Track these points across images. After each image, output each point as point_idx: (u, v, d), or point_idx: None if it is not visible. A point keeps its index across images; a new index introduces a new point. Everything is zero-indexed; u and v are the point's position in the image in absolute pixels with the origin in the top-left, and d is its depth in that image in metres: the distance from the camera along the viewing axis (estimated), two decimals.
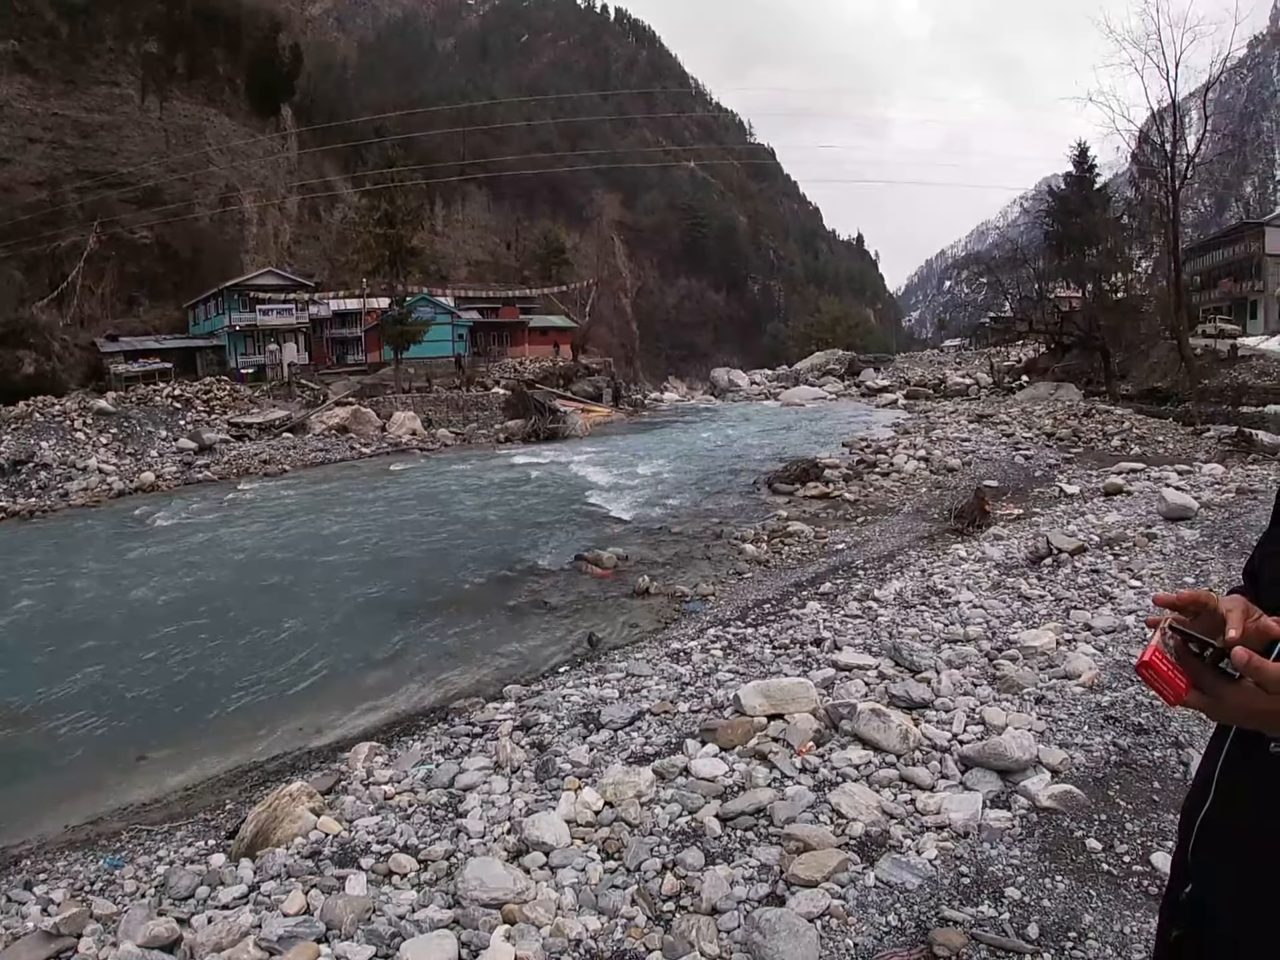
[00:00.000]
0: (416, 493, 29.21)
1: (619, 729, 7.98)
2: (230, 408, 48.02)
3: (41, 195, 63.57)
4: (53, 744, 11.16)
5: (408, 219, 59.18)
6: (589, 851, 5.77)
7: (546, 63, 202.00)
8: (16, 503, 33.59)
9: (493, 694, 10.48)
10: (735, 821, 5.81)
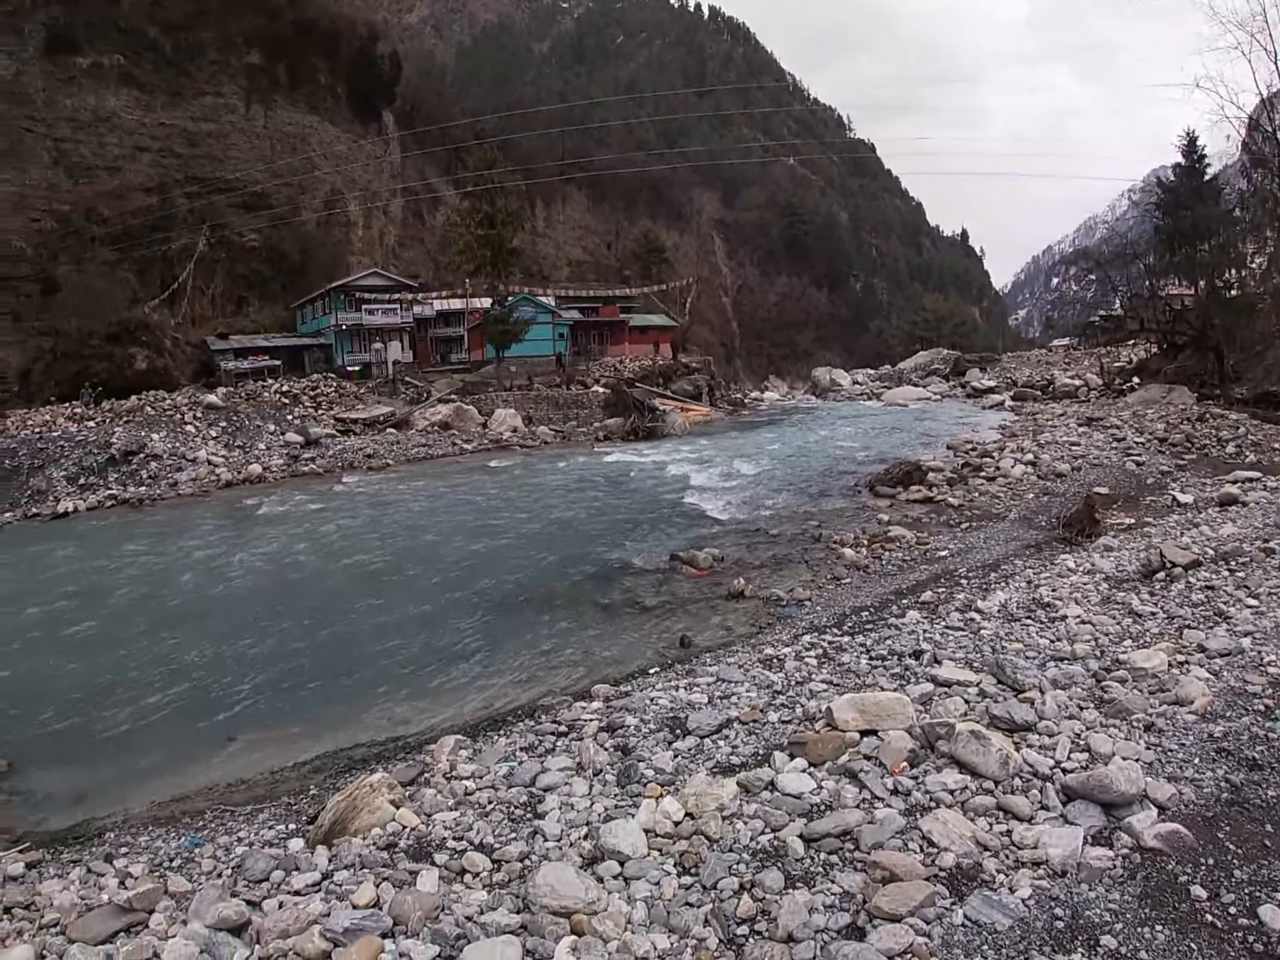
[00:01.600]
0: (515, 489, 29.50)
1: (705, 736, 7.83)
2: (336, 404, 49.30)
3: (151, 201, 66.28)
4: (147, 722, 11.61)
5: (508, 220, 59.70)
6: (665, 864, 5.64)
7: (642, 63, 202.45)
8: (127, 491, 35.28)
9: (581, 693, 10.44)
10: (820, 843, 5.58)
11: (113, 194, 64.90)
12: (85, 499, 34.68)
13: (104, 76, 65.97)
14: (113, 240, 61.86)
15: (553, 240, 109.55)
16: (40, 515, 33.27)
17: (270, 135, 74.83)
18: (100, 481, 36.41)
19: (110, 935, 6.14)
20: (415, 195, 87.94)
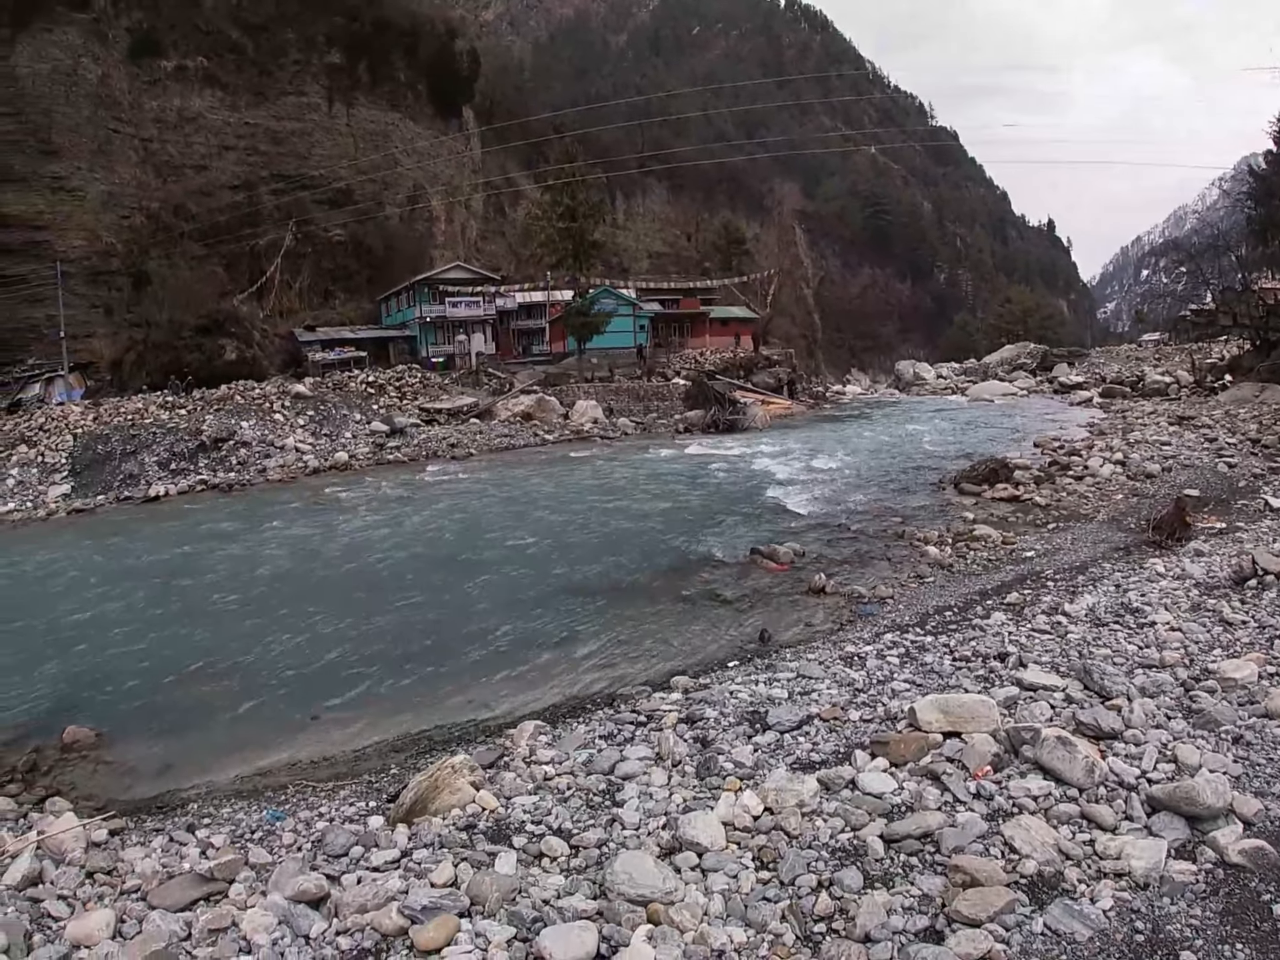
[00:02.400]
0: (595, 480, 29.69)
1: (786, 732, 7.78)
2: (420, 394, 50.13)
3: (238, 198, 68.28)
4: (233, 698, 11.95)
5: (589, 213, 60.03)
6: (743, 858, 5.62)
7: (719, 54, 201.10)
8: (217, 476, 36.75)
9: (660, 683, 10.45)
10: (900, 844, 5.53)
11: (200, 191, 67.18)
12: (176, 483, 36.13)
13: (188, 78, 68.38)
14: (201, 236, 64.01)
15: (632, 232, 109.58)
16: (132, 498, 34.68)
17: (353, 133, 76.43)
18: (191, 467, 37.93)
19: (190, 903, 6.30)
20: (496, 190, 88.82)
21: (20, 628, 17.23)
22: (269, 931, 5.54)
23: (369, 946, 5.19)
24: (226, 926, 5.73)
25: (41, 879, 6.96)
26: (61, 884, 6.87)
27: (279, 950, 5.33)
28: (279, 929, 5.55)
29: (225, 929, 5.71)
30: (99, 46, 63.80)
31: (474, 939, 5.01)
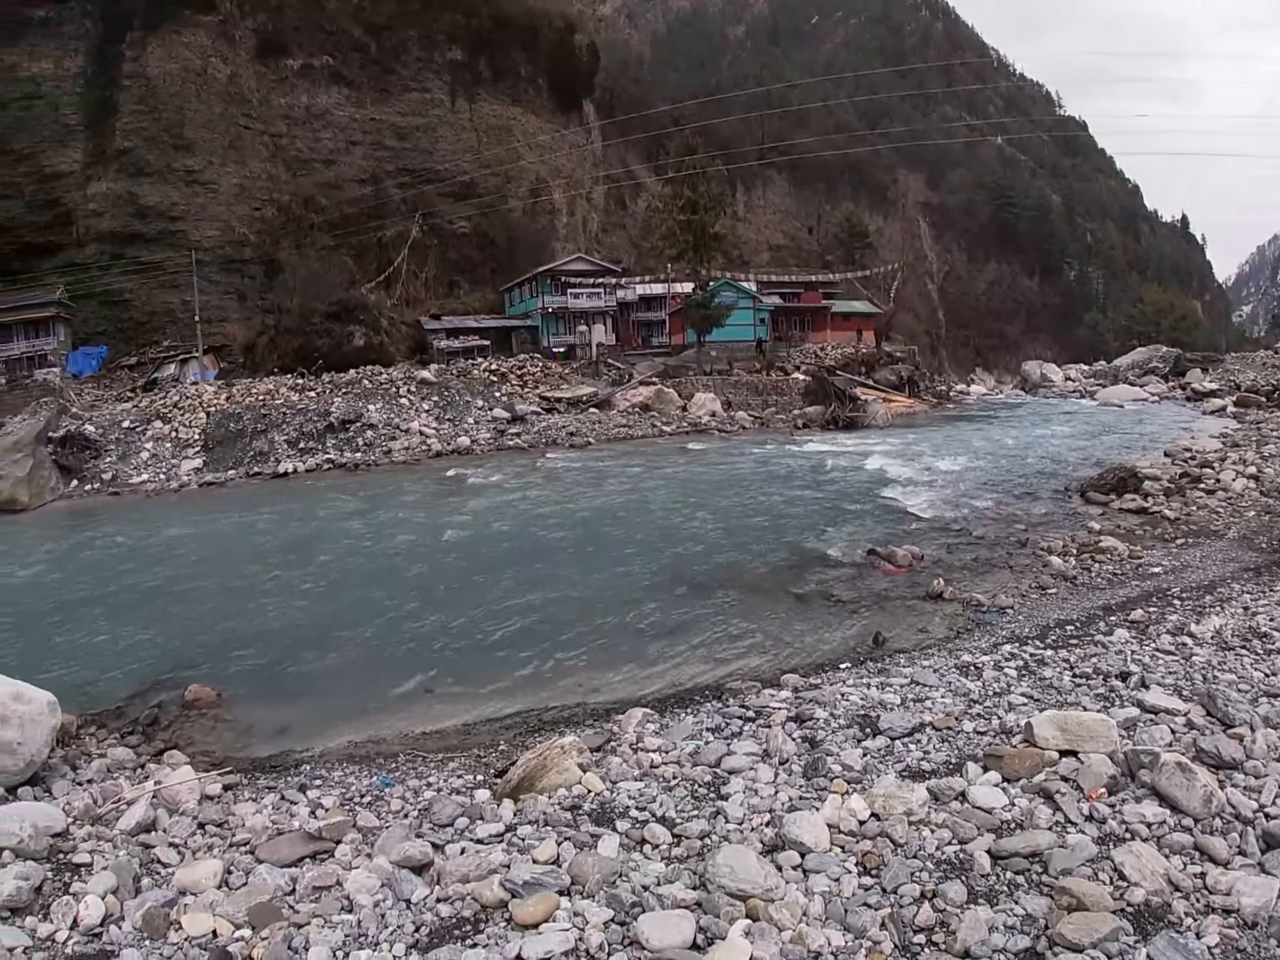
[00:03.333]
0: (712, 472, 29.67)
1: (897, 738, 7.65)
2: (541, 383, 50.90)
3: (366, 191, 71.50)
4: (351, 667, 12.42)
5: (710, 205, 59.92)
6: (846, 862, 5.56)
7: (839, 43, 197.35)
8: (343, 456, 38.42)
9: (769, 680, 10.34)
10: (1007, 861, 5.39)
11: (329, 185, 70.77)
12: (304, 461, 37.88)
13: (315, 76, 71.90)
14: (331, 227, 67.15)
15: (753, 224, 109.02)
16: (261, 474, 36.64)
17: (476, 127, 78.71)
18: (319, 446, 39.59)
19: (296, 860, 6.51)
20: (617, 182, 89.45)
21: (152, 591, 18.25)
22: (371, 893, 5.71)
23: (468, 916, 5.29)
24: (331, 885, 5.92)
25: (154, 827, 7.27)
26: (174, 833, 7.18)
27: (380, 912, 5.49)
28: (381, 891, 5.72)
29: (329, 887, 5.90)
30: (226, 47, 67.90)
31: (572, 917, 5.07)
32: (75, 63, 64.98)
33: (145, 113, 64.84)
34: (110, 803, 7.74)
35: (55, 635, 15.39)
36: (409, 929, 5.27)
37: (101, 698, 11.64)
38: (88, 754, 9.47)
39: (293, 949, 5.12)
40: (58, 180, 64.08)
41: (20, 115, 63.37)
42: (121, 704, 11.47)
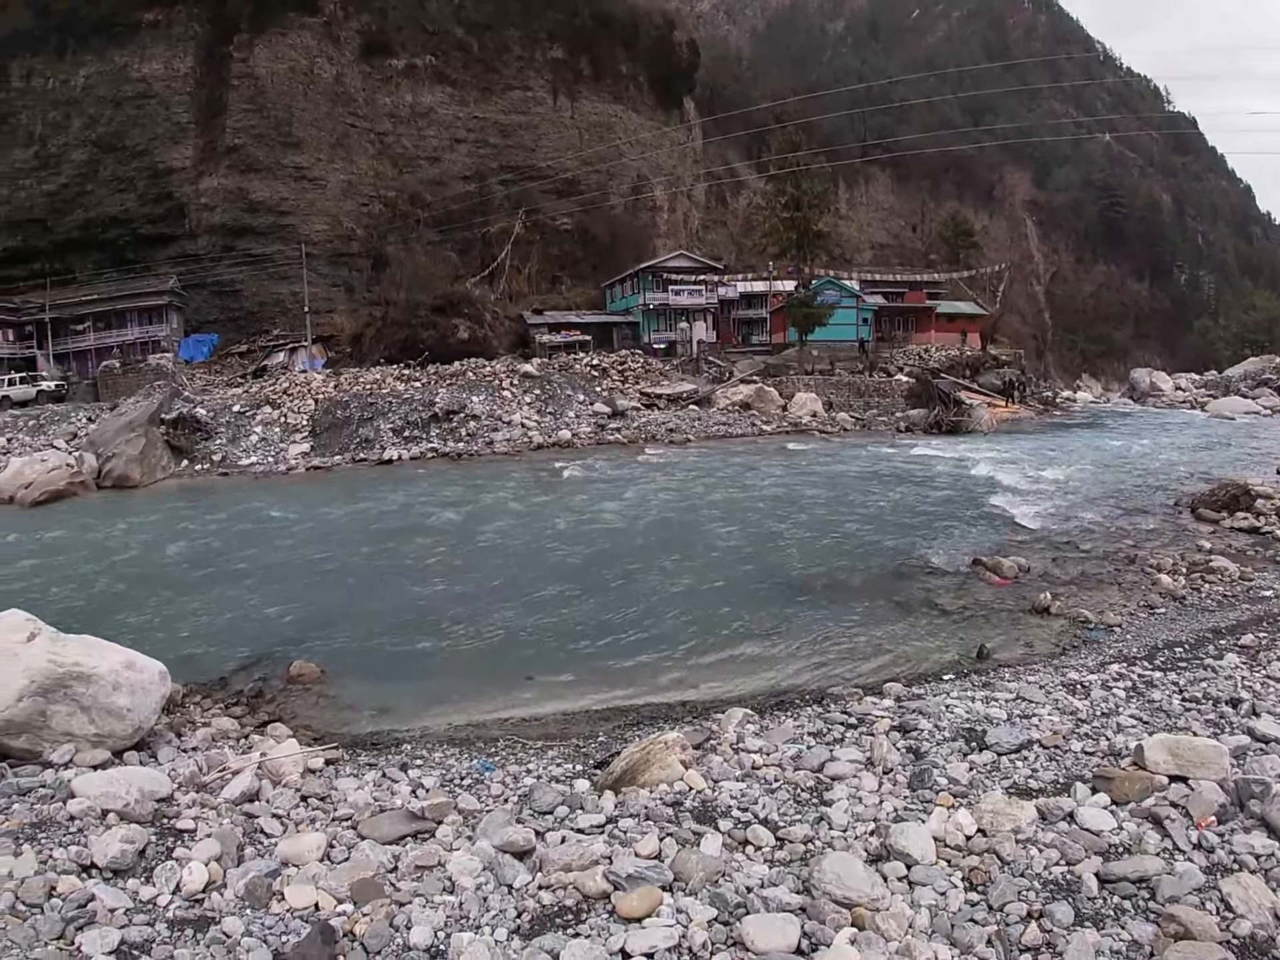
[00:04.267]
0: (813, 473, 29.31)
1: (1004, 754, 7.50)
2: (642, 379, 51.16)
3: (470, 188, 72.46)
4: (452, 651, 12.66)
5: (814, 202, 58.77)
6: (952, 876, 5.47)
7: (940, 37, 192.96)
8: (446, 445, 39.43)
9: (871, 687, 10.20)
10: (1114, 885, 5.30)
11: (434, 181, 72.12)
12: (408, 449, 39.00)
13: (418, 76, 73.13)
14: (436, 223, 68.58)
15: (855, 222, 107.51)
16: (367, 460, 37.84)
17: (578, 125, 79.28)
18: (423, 435, 40.64)
19: (398, 838, 6.58)
20: (718, 179, 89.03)
21: (257, 568, 18.88)
22: (474, 876, 5.74)
23: (570, 905, 5.30)
24: (433, 865, 5.97)
25: (258, 797, 7.44)
26: (277, 804, 7.32)
27: (482, 895, 5.53)
28: (483, 875, 5.76)
29: (432, 867, 5.94)
30: (332, 48, 69.64)
31: (675, 914, 5.05)
32: (185, 63, 67.30)
33: (254, 111, 67.09)
34: (215, 771, 7.99)
35: (164, 606, 16.01)
36: (511, 914, 5.31)
37: (206, 668, 12.10)
38: (192, 723, 9.83)
39: (395, 927, 5.17)
40: (170, 175, 66.55)
41: (133, 114, 66.03)
42: (226, 675, 11.93)
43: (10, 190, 65.42)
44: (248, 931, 5.18)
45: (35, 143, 65.87)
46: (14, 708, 7.84)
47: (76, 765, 7.73)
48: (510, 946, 4.98)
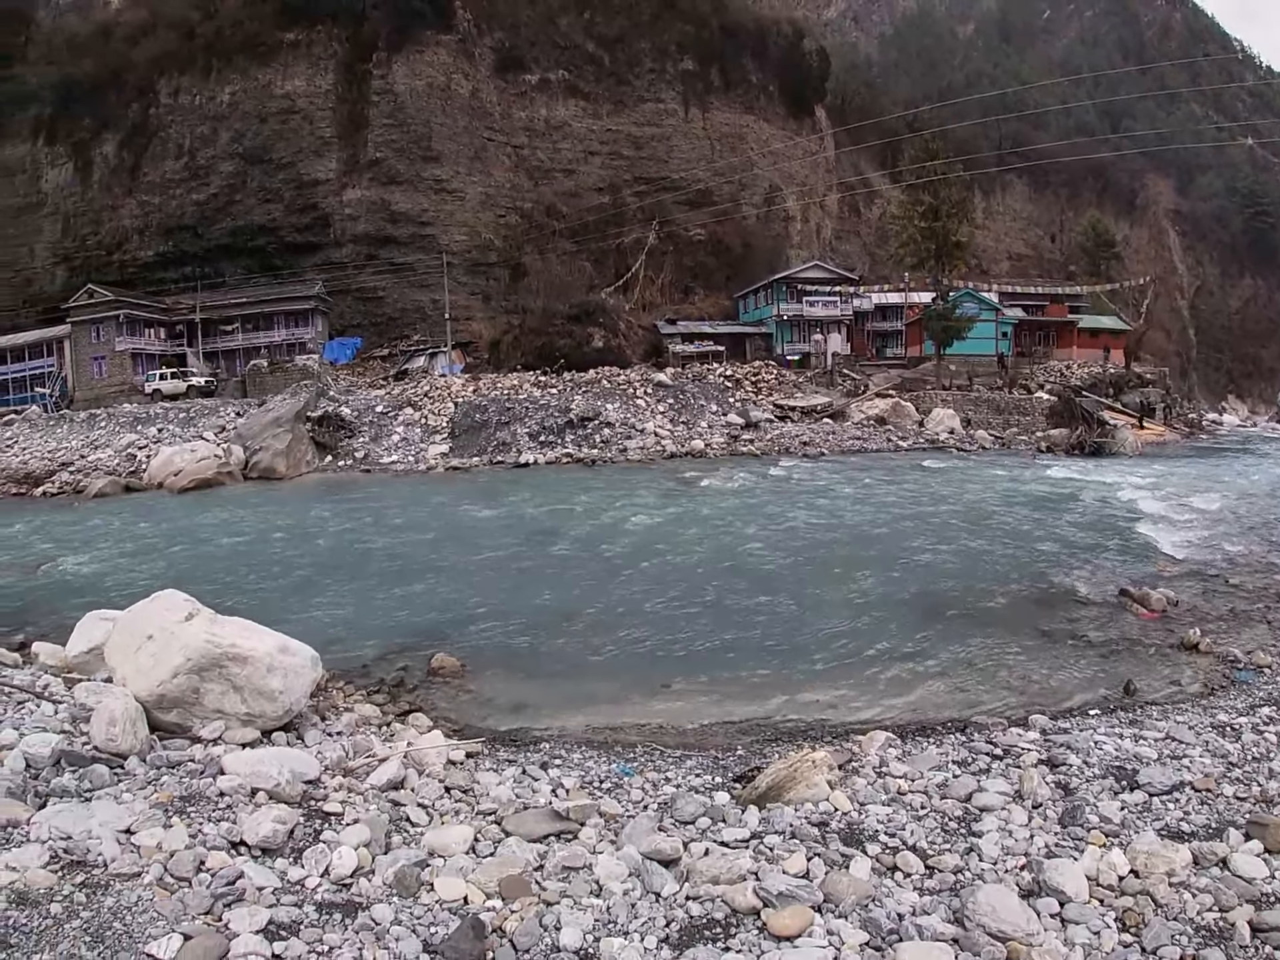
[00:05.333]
0: (950, 493, 28.62)
1: (1155, 795, 7.26)
2: (775, 390, 51.23)
3: (604, 199, 73.79)
4: (590, 653, 12.83)
5: (952, 212, 57.45)
6: (1106, 916, 5.38)
7: (1073, 37, 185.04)
8: (581, 450, 40.46)
9: (1016, 718, 9.93)
10: (1266, 935, 5.17)
11: (569, 193, 73.73)
12: (544, 454, 40.17)
13: (552, 90, 74.94)
14: (571, 233, 70.11)
15: (992, 232, 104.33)
16: (503, 462, 39.20)
17: (709, 135, 79.52)
18: (558, 440, 41.71)
19: (543, 836, 6.66)
20: (851, 189, 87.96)
21: (399, 561, 19.61)
22: (621, 881, 5.76)
23: (719, 918, 5.29)
24: (580, 866, 6.00)
25: (403, 785, 7.59)
26: (422, 794, 7.46)
27: (630, 901, 5.53)
28: (631, 881, 5.78)
29: (579, 869, 5.98)
30: (467, 64, 71.90)
31: (827, 935, 5.03)
32: (326, 80, 70.76)
33: (394, 126, 69.84)
34: (362, 757, 8.17)
35: (308, 593, 16.80)
36: (660, 922, 5.29)
37: (349, 655, 12.56)
38: (335, 707, 10.14)
39: (544, 926, 5.19)
40: (315, 187, 69.98)
41: (278, 128, 69.79)
42: (368, 663, 12.37)
43: (162, 199, 70.51)
44: (396, 920, 5.22)
45: (185, 155, 70.58)
46: (168, 683, 8.11)
47: (226, 742, 7.95)
48: (660, 956, 4.99)
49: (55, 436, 47.35)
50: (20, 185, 74.31)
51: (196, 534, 25.64)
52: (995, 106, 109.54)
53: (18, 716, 8.08)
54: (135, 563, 21.42)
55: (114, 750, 7.29)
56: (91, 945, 4.58)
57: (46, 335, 65.34)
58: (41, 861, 5.29)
